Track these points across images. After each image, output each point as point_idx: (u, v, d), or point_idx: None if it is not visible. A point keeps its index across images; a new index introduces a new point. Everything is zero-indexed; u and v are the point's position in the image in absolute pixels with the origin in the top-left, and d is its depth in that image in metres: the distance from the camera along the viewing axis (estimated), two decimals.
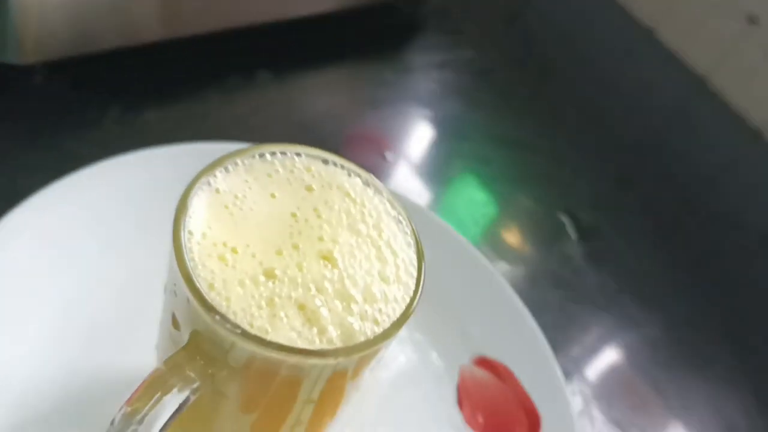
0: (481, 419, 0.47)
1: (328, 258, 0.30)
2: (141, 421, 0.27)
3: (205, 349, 0.29)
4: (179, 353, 0.29)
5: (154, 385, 0.28)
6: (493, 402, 0.48)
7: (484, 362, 0.49)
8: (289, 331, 0.28)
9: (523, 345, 0.50)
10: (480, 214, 0.62)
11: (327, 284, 0.30)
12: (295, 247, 0.30)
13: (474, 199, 0.64)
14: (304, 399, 0.31)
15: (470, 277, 0.52)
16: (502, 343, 0.50)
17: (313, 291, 0.29)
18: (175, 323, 0.30)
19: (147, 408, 0.27)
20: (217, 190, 0.31)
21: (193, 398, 0.28)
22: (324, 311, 0.29)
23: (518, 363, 0.49)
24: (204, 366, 0.29)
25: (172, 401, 0.27)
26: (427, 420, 0.46)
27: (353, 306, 0.30)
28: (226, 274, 0.29)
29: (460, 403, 0.48)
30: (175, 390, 0.28)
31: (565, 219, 0.64)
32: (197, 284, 0.28)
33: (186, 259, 0.28)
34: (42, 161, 0.47)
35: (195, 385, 0.28)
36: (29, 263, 0.41)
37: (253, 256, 0.30)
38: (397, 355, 0.49)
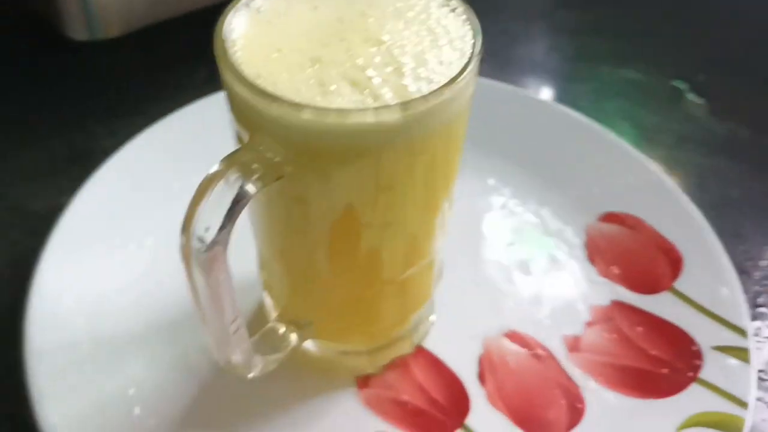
0: (616, 270, 0.44)
1: (375, 40, 0.30)
2: (201, 219, 0.27)
3: (265, 142, 0.28)
4: (237, 150, 0.28)
5: (209, 180, 0.27)
6: (627, 252, 0.45)
7: (611, 217, 0.46)
8: (341, 100, 0.28)
9: (650, 192, 0.46)
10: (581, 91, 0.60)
11: (376, 59, 0.29)
12: (342, 39, 0.30)
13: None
14: (380, 184, 0.29)
15: (583, 139, 0.50)
16: (628, 196, 0.47)
17: (362, 64, 0.29)
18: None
19: (203, 204, 0.27)
20: (258, 10, 0.31)
21: (254, 189, 0.28)
22: (376, 80, 0.28)
23: (649, 210, 0.46)
24: (263, 153, 0.28)
25: (227, 192, 0.27)
26: (563, 281, 0.44)
27: (405, 70, 0.29)
28: (272, 66, 0.29)
29: (591, 259, 0.45)
30: (230, 179, 0.27)
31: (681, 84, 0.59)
32: (243, 73, 0.28)
33: (230, 63, 0.28)
34: (129, 126, 0.49)
35: (255, 175, 0.28)
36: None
37: (299, 51, 0.29)
38: (516, 223, 0.47)
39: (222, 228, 0.27)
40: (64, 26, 0.51)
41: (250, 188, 0.28)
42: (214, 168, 0.28)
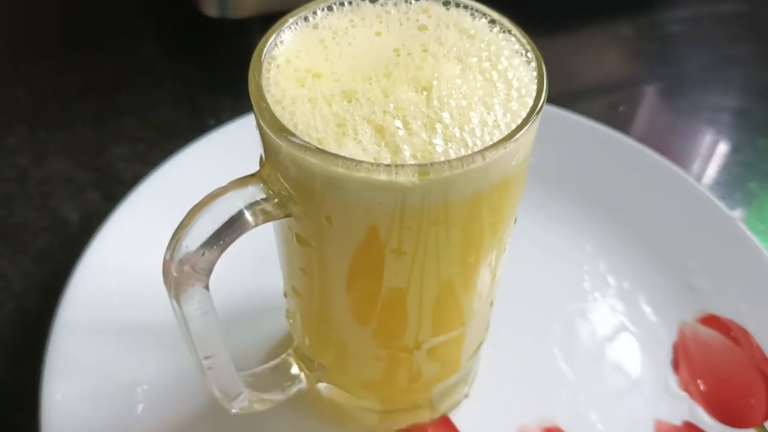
0: (702, 386, 0.37)
1: (421, 84, 0.26)
2: (188, 235, 0.25)
3: (274, 175, 0.26)
4: (246, 177, 0.26)
5: (209, 196, 0.25)
6: (721, 367, 0.38)
7: (712, 320, 0.40)
8: (355, 148, 0.24)
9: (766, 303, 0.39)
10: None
11: (412, 107, 0.25)
12: (388, 75, 0.26)
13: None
14: (388, 246, 0.26)
15: (704, 224, 0.43)
16: (740, 301, 0.40)
17: (393, 110, 0.25)
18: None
19: (195, 218, 0.25)
20: (315, 26, 0.28)
21: (254, 221, 0.25)
22: (402, 132, 0.24)
23: (760, 324, 0.39)
24: (272, 186, 0.26)
25: (223, 210, 0.25)
26: (631, 380, 0.38)
27: (438, 127, 0.25)
28: (299, 93, 0.26)
29: (676, 365, 0.38)
30: (227, 197, 0.25)
31: None
32: (264, 96, 0.25)
33: (259, 79, 0.26)
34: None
35: (259, 207, 0.25)
36: None
37: (337, 80, 0.26)
38: (600, 307, 0.41)
39: (204, 246, 0.25)
40: (200, 2, 0.51)
41: (249, 218, 0.25)
42: (218, 189, 0.26)
